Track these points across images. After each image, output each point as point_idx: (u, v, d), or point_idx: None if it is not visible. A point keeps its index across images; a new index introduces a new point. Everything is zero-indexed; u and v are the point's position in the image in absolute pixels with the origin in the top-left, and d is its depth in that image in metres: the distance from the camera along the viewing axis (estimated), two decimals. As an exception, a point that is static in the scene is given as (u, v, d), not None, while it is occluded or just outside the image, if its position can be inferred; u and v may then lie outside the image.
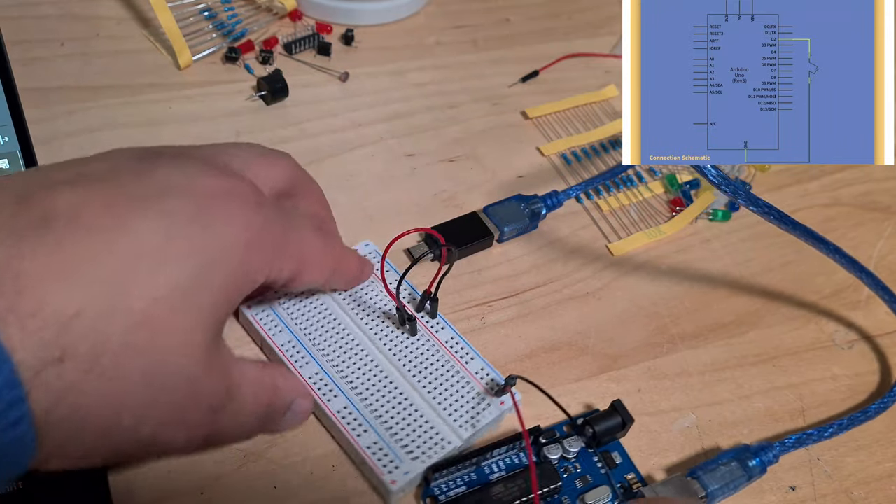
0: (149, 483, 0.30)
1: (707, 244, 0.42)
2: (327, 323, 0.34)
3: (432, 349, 0.34)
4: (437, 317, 0.35)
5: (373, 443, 0.30)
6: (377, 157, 0.43)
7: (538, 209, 0.40)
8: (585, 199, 0.43)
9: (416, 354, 0.33)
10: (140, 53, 0.46)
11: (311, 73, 0.47)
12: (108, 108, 0.43)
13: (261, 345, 0.34)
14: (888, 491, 0.34)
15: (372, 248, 0.37)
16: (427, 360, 0.33)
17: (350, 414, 0.31)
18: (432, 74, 0.48)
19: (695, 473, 0.32)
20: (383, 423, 0.31)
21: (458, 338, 0.34)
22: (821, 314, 0.40)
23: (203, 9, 0.48)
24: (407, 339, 0.34)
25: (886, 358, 0.39)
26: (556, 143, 0.45)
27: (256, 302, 0.34)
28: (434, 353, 0.33)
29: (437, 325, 0.34)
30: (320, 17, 0.50)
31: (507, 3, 0.55)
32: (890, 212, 0.45)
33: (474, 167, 0.43)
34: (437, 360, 0.33)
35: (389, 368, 0.33)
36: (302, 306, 0.34)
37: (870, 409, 0.35)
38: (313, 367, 0.32)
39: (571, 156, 0.45)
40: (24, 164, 0.36)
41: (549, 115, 0.47)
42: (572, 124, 0.47)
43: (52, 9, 0.47)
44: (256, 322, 0.33)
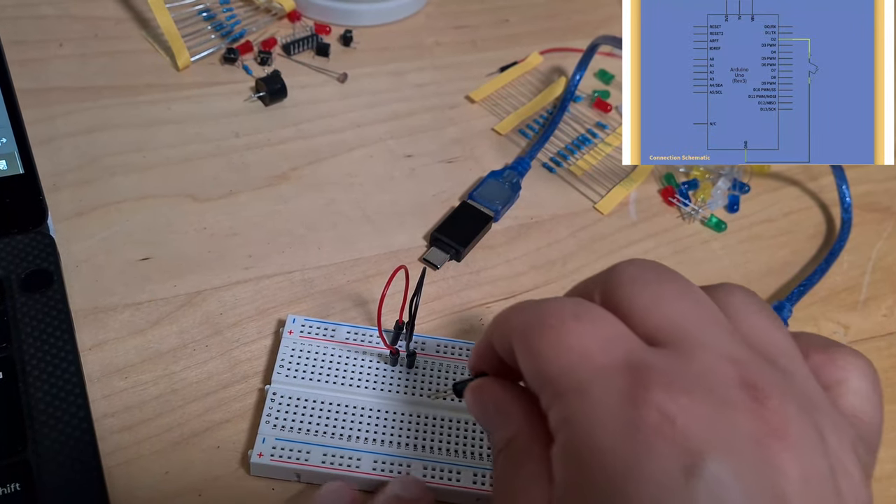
0: (147, 484, 0.29)
1: (706, 245, 0.42)
2: (335, 412, 0.32)
3: (428, 364, 0.34)
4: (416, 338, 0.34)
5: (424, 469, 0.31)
6: (376, 157, 0.43)
7: (513, 177, 0.42)
8: (558, 169, 0.45)
9: (414, 378, 0.33)
10: (138, 54, 0.46)
11: (309, 74, 0.47)
12: (106, 108, 0.43)
13: (297, 476, 0.31)
14: (888, 491, 0.34)
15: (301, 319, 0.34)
16: (425, 376, 0.33)
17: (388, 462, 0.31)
18: (431, 75, 0.48)
19: None
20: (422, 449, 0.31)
21: (448, 340, 0.34)
22: (819, 315, 0.40)
23: (202, 10, 0.48)
24: (404, 371, 0.33)
25: (885, 359, 0.38)
26: (509, 120, 0.47)
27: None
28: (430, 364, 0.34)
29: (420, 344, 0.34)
30: (319, 18, 0.50)
31: (507, 3, 0.55)
32: (890, 212, 0.45)
33: (473, 168, 0.43)
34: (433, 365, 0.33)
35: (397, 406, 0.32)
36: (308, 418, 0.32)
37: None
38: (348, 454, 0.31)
39: (527, 129, 0.46)
40: (22, 164, 0.36)
41: (493, 94, 0.48)
42: (516, 98, 0.48)
43: (50, 9, 0.47)
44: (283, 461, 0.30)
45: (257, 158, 0.42)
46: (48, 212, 0.35)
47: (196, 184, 0.40)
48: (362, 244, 0.39)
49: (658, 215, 0.43)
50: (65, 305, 0.32)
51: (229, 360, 0.33)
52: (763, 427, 0.20)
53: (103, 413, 0.31)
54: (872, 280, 0.42)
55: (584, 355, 0.21)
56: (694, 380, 0.20)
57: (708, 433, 0.19)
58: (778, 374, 0.21)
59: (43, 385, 0.30)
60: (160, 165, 0.40)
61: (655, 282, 0.23)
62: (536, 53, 0.51)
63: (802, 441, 0.20)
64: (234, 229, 0.38)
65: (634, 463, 0.19)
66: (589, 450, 0.20)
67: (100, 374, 0.32)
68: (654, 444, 0.19)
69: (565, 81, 0.49)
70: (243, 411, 0.32)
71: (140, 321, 0.34)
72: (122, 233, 0.37)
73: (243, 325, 0.35)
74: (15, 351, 0.30)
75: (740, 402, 0.20)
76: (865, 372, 0.24)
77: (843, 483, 0.21)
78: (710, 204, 0.43)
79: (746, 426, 0.20)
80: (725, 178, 0.44)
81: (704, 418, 0.20)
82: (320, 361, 0.33)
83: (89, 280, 0.35)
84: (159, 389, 0.32)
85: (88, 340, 0.33)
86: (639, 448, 0.19)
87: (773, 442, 0.20)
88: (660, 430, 0.19)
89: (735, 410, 0.20)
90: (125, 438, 0.31)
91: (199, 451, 0.31)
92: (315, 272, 0.37)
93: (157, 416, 0.31)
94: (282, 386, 0.32)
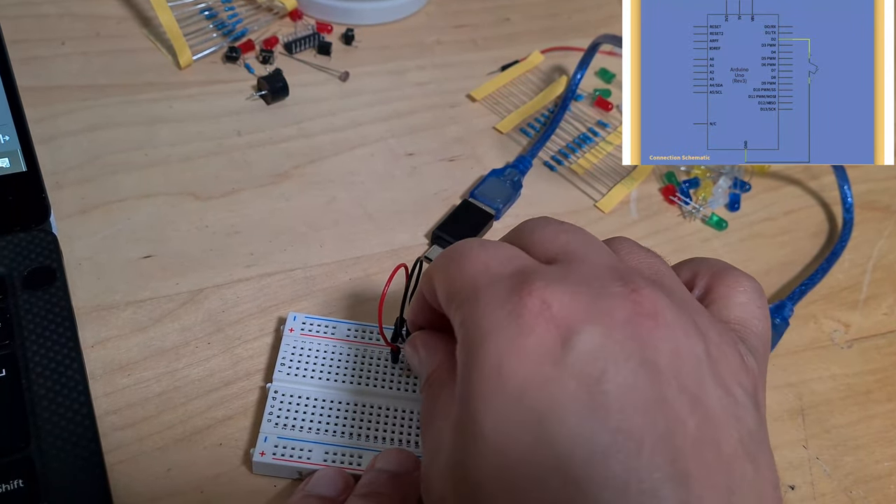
0: (149, 482, 0.30)
1: (707, 243, 0.42)
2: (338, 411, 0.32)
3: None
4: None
5: None
6: (377, 156, 0.43)
7: (514, 176, 0.42)
8: (559, 167, 0.45)
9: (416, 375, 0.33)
10: (140, 52, 0.46)
11: (311, 73, 0.47)
12: (108, 107, 0.43)
13: (300, 474, 0.31)
14: (887, 490, 0.34)
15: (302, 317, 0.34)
16: None
17: None
18: (432, 74, 0.49)
19: None
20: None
21: None
22: (820, 314, 0.40)
23: (203, 8, 0.48)
24: (405, 368, 0.33)
25: (885, 357, 0.39)
26: (510, 118, 0.47)
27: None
28: None
29: None
30: (320, 17, 0.50)
31: (507, 3, 0.55)
32: (890, 211, 0.45)
33: (474, 166, 0.44)
34: None
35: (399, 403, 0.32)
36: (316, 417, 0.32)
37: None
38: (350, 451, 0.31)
39: (528, 128, 0.46)
40: (25, 162, 0.36)
41: (494, 93, 0.48)
42: (517, 97, 0.48)
43: (52, 8, 0.47)
44: (287, 459, 0.30)
45: (259, 157, 0.42)
46: (51, 209, 0.35)
47: (198, 182, 0.40)
48: (364, 242, 0.39)
49: (659, 214, 0.43)
50: (67, 303, 0.32)
51: (231, 358, 0.34)
52: (636, 308, 0.22)
53: (106, 410, 0.31)
54: (873, 279, 0.42)
55: (483, 269, 0.24)
56: (574, 279, 0.23)
57: (583, 313, 0.22)
58: (654, 282, 0.24)
59: (46, 382, 0.30)
60: (162, 163, 0.41)
61: (553, 223, 0.27)
62: (537, 52, 0.51)
63: (675, 324, 0.22)
64: (236, 227, 0.38)
65: (515, 339, 0.22)
66: (477, 337, 0.23)
67: (102, 371, 0.32)
68: (533, 324, 0.22)
69: (566, 80, 0.49)
70: (245, 408, 0.32)
71: (142, 318, 0.34)
72: (125, 230, 0.37)
73: (245, 323, 0.35)
74: (18, 348, 0.31)
75: (616, 292, 0.23)
76: (748, 287, 0.26)
77: (722, 366, 0.23)
78: (711, 202, 0.43)
79: (620, 309, 0.22)
80: (726, 176, 0.44)
81: (581, 303, 0.22)
82: (321, 359, 0.33)
83: (92, 277, 0.35)
84: (161, 387, 0.32)
85: (91, 338, 0.33)
86: (520, 328, 0.22)
87: (645, 320, 0.22)
88: (539, 313, 0.22)
89: (610, 297, 0.23)
90: (127, 435, 0.31)
91: (201, 449, 0.31)
92: (316, 270, 0.37)
93: (159, 414, 0.31)
94: (283, 384, 0.32)
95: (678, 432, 0.21)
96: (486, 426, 0.22)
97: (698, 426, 0.21)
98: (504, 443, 0.21)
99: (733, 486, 0.21)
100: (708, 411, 0.21)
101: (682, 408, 0.21)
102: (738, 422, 0.22)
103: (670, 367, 0.22)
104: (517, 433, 0.21)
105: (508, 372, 0.22)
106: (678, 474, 0.20)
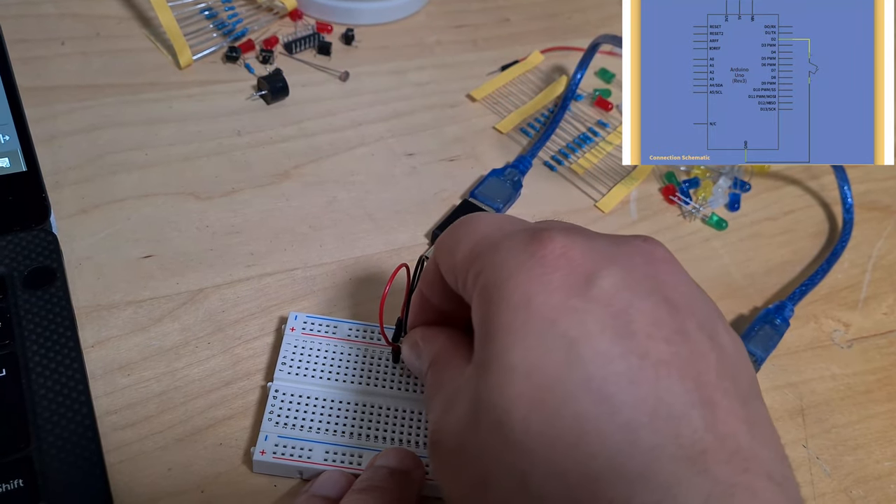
0: (149, 481, 0.30)
1: (707, 243, 0.42)
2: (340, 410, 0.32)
3: None
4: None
5: None
6: (377, 156, 0.43)
7: (514, 176, 0.42)
8: (559, 167, 0.45)
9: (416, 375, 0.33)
10: (140, 52, 0.46)
11: (311, 73, 0.47)
12: (108, 106, 0.43)
13: (300, 473, 0.31)
14: (887, 490, 0.34)
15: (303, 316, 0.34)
16: None
17: None
18: (432, 73, 0.49)
19: None
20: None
21: None
22: (820, 314, 0.40)
23: (203, 8, 0.48)
24: (405, 368, 0.33)
25: (885, 357, 0.39)
26: (510, 118, 0.47)
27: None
28: None
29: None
30: (320, 17, 0.50)
31: (507, 3, 0.55)
32: (890, 211, 0.45)
33: (474, 166, 0.44)
34: None
35: (399, 403, 0.32)
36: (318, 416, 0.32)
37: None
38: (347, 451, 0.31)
39: (528, 128, 0.46)
40: (25, 162, 0.36)
41: (494, 93, 0.48)
42: (517, 97, 0.48)
43: (52, 8, 0.47)
44: (288, 459, 0.30)
45: (259, 156, 0.42)
46: (51, 209, 0.35)
47: (198, 182, 0.40)
48: (364, 242, 0.39)
49: (659, 213, 0.43)
50: (67, 302, 0.32)
51: (231, 358, 0.34)
52: (652, 254, 0.24)
53: (106, 410, 0.31)
54: (873, 279, 0.42)
55: (497, 228, 0.25)
56: (589, 234, 0.24)
57: (602, 258, 0.23)
58: None
59: (46, 382, 0.30)
60: (162, 163, 0.41)
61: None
62: (537, 52, 0.51)
63: (687, 274, 0.24)
64: (236, 227, 0.38)
65: (542, 276, 0.22)
66: (501, 278, 0.23)
67: (102, 371, 0.32)
68: (556, 264, 0.23)
69: (566, 80, 0.49)
70: (245, 408, 0.32)
71: (142, 318, 0.34)
72: (125, 230, 0.37)
73: (245, 323, 0.35)
74: (18, 348, 0.31)
75: (630, 242, 0.24)
76: None
77: (724, 320, 0.24)
78: (711, 202, 0.43)
79: (637, 255, 0.24)
80: (726, 176, 0.44)
81: (599, 251, 0.23)
82: (322, 358, 0.33)
83: (92, 277, 0.35)
84: (161, 386, 0.32)
85: (91, 337, 0.33)
86: (545, 267, 0.23)
87: (661, 264, 0.24)
88: (562, 254, 0.23)
89: (626, 245, 0.24)
90: (128, 435, 0.31)
91: (201, 448, 0.31)
92: (317, 270, 0.37)
93: (159, 413, 0.31)
94: (284, 383, 0.32)
95: (701, 362, 0.22)
96: (515, 356, 0.22)
97: (718, 360, 0.22)
98: (534, 367, 0.22)
99: (751, 420, 0.21)
100: (724, 349, 0.22)
101: (703, 341, 0.22)
102: (746, 365, 0.23)
103: (688, 306, 0.23)
104: (548, 358, 0.21)
105: (537, 304, 0.22)
106: (704, 401, 0.21)
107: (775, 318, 0.38)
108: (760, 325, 0.37)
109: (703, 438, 0.20)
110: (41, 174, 0.36)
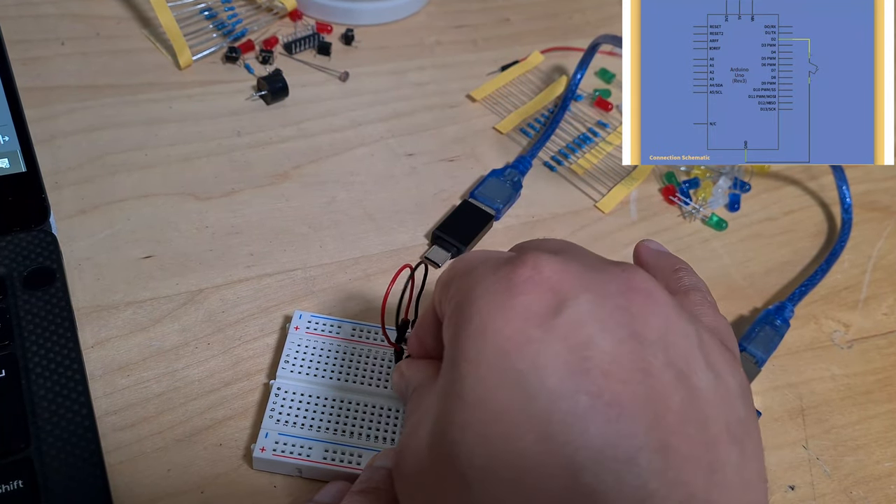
0: (149, 482, 0.30)
1: (706, 244, 0.42)
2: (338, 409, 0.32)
3: None
4: None
5: None
6: (377, 156, 0.43)
7: (514, 176, 0.42)
8: (559, 167, 0.45)
9: None
10: (140, 53, 0.46)
11: (311, 73, 0.47)
12: (108, 107, 0.43)
13: (299, 471, 0.31)
14: (887, 490, 0.34)
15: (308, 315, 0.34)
16: None
17: None
18: (432, 74, 0.49)
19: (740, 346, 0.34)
20: None
21: None
22: (820, 314, 0.40)
23: (203, 8, 0.48)
24: None
25: (885, 357, 0.39)
26: (510, 118, 0.47)
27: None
28: None
29: None
30: (320, 17, 0.50)
31: (507, 3, 0.55)
32: (890, 211, 0.45)
33: (474, 166, 0.44)
34: None
35: (400, 403, 0.32)
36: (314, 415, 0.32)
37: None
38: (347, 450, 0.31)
39: (528, 128, 0.46)
40: (24, 162, 0.36)
41: (494, 93, 0.48)
42: (517, 97, 0.48)
43: (52, 8, 0.47)
44: (286, 455, 0.30)
45: (259, 157, 0.42)
46: (50, 210, 0.35)
47: (198, 182, 0.40)
48: (364, 242, 0.39)
49: (659, 214, 0.43)
50: (67, 303, 0.32)
51: (231, 358, 0.34)
52: (629, 284, 0.22)
53: (105, 411, 0.31)
54: (873, 279, 0.42)
55: (482, 255, 0.25)
56: (569, 256, 0.23)
57: (575, 282, 0.22)
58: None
59: (45, 383, 0.30)
60: (162, 164, 0.41)
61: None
62: (537, 52, 0.51)
63: (667, 305, 0.22)
64: (236, 228, 0.38)
65: (504, 301, 0.22)
66: (467, 301, 0.23)
67: (102, 371, 0.32)
68: (522, 287, 0.22)
69: (566, 80, 0.49)
70: (245, 409, 0.32)
71: (142, 319, 0.34)
72: (124, 231, 0.37)
73: (245, 323, 0.35)
74: (18, 348, 0.31)
75: (609, 269, 0.23)
76: (716, 311, 0.27)
77: (714, 354, 0.23)
78: (711, 203, 0.43)
79: (613, 283, 0.22)
80: (726, 176, 0.44)
81: (573, 273, 0.22)
82: (325, 358, 0.33)
83: (91, 278, 0.35)
84: (161, 387, 0.32)
85: (90, 338, 0.33)
86: (510, 290, 0.22)
87: (637, 295, 0.22)
88: (529, 277, 0.22)
89: (603, 272, 0.23)
90: (127, 436, 0.31)
91: (201, 449, 0.31)
92: (317, 270, 0.37)
93: (159, 414, 0.31)
94: (286, 381, 0.32)
95: (660, 404, 0.20)
96: (467, 384, 0.21)
97: (683, 402, 0.21)
98: (482, 400, 0.21)
99: (715, 466, 0.21)
100: (695, 390, 0.21)
101: (668, 382, 0.21)
102: (727, 406, 0.22)
103: (659, 342, 0.21)
104: (496, 390, 0.21)
105: (493, 331, 0.22)
106: (657, 444, 0.20)
107: (775, 319, 0.37)
108: (761, 327, 0.37)
109: (646, 485, 0.19)
110: (41, 175, 0.36)
